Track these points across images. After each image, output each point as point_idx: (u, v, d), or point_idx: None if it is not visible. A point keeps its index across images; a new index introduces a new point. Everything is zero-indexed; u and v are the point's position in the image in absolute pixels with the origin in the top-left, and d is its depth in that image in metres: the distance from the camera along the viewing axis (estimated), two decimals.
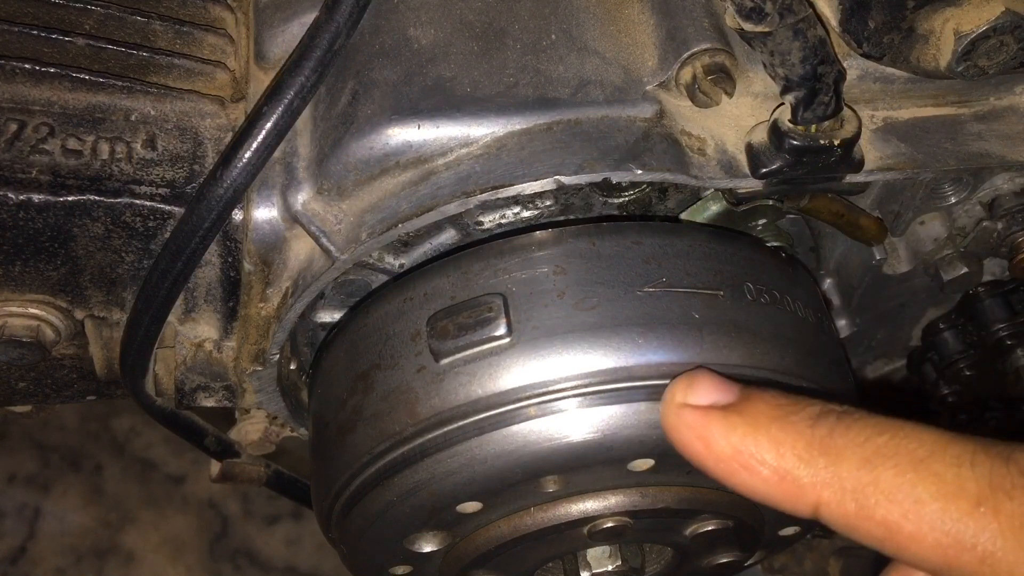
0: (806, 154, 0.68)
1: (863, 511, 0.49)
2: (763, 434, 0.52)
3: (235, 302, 0.77)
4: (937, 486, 0.47)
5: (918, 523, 0.47)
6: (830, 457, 0.50)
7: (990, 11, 0.65)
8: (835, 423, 0.51)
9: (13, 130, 0.71)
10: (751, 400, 0.54)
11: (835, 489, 0.50)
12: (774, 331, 0.66)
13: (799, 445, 0.51)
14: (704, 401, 0.55)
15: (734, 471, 0.53)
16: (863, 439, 0.50)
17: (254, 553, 2.28)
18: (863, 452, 0.49)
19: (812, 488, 0.50)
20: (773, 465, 0.51)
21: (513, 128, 0.69)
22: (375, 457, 0.67)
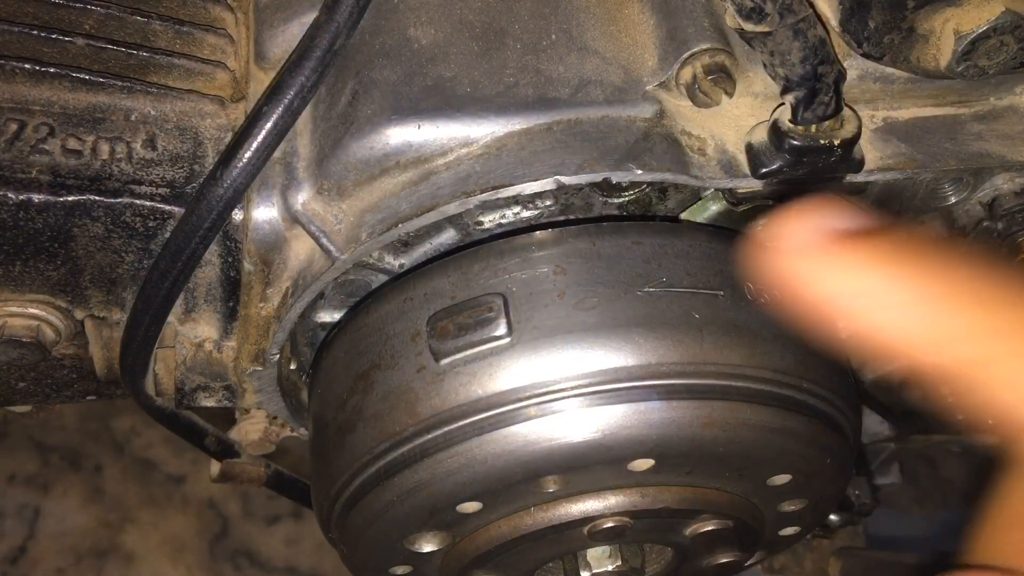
0: (806, 154, 0.68)
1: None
2: (906, 271, 0.41)
3: (235, 302, 0.77)
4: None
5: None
6: (984, 305, 0.40)
7: (990, 11, 0.65)
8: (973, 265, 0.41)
9: (13, 130, 0.71)
10: (883, 232, 0.42)
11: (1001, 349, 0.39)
12: (774, 331, 0.66)
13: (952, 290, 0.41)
14: (829, 228, 0.42)
15: (870, 312, 0.41)
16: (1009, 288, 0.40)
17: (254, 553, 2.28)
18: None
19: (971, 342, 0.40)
20: (926, 314, 0.40)
21: (513, 128, 0.69)
22: (375, 457, 0.67)
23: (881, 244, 0.42)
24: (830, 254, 0.42)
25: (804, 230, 0.42)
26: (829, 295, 0.42)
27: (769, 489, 0.72)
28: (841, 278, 0.42)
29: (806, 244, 0.42)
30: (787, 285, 0.43)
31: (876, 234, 0.42)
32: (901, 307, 0.41)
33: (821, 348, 0.70)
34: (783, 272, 0.43)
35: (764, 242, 0.43)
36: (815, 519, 0.81)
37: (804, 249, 0.42)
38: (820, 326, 0.43)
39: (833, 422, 0.69)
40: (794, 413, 0.67)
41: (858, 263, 0.42)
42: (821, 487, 0.74)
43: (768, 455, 0.68)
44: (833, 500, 0.80)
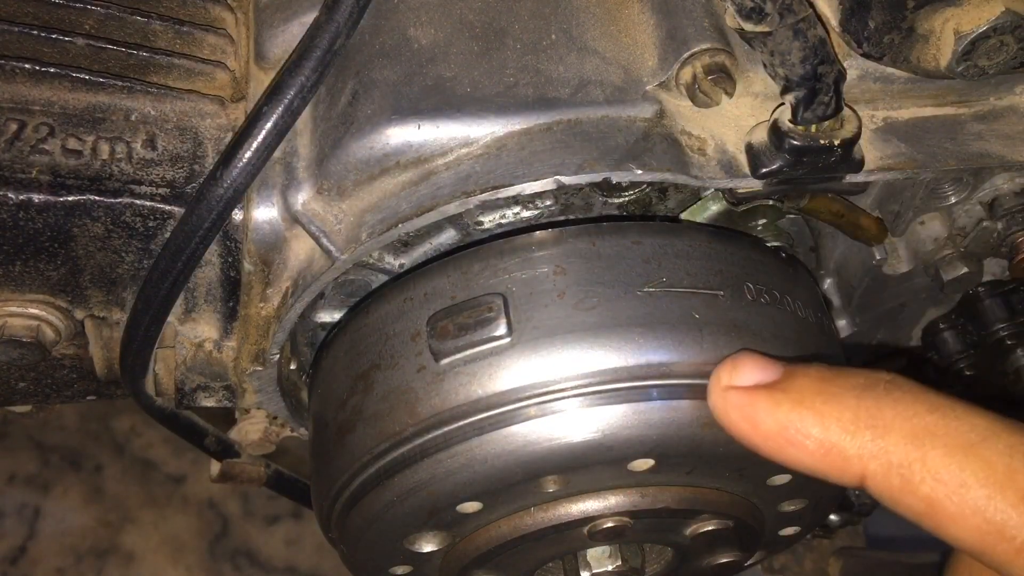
0: (806, 154, 0.68)
1: (908, 486, 0.49)
2: (808, 408, 0.52)
3: (235, 302, 0.77)
4: (986, 473, 0.47)
5: (961, 506, 0.48)
6: (877, 430, 0.50)
7: (990, 11, 0.65)
8: (882, 395, 0.51)
9: (13, 130, 0.71)
10: (795, 376, 0.54)
11: (881, 462, 0.50)
12: (774, 331, 0.66)
13: (844, 418, 0.51)
14: (748, 381, 0.55)
15: (781, 447, 0.53)
16: (911, 414, 0.50)
17: (254, 553, 2.28)
18: (911, 427, 0.49)
19: (858, 460, 0.50)
20: (819, 439, 0.51)
21: (513, 128, 0.69)
22: (375, 457, 0.67)
23: (798, 388, 0.54)
24: (758, 401, 0.54)
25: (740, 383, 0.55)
26: (770, 430, 0.53)
27: (769, 489, 0.72)
28: (776, 420, 0.53)
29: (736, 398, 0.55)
30: (739, 429, 0.56)
31: (782, 383, 0.54)
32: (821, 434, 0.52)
33: (821, 348, 0.70)
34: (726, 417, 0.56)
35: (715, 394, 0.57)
36: (815, 519, 0.81)
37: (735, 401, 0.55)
38: (776, 456, 0.54)
39: None
40: None
41: (774, 407, 0.53)
42: (821, 487, 0.74)
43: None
44: (833, 500, 0.80)
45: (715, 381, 0.57)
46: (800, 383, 0.54)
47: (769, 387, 0.55)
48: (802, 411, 0.52)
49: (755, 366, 0.56)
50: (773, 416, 0.53)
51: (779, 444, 0.53)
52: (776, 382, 0.55)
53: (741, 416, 0.55)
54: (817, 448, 0.52)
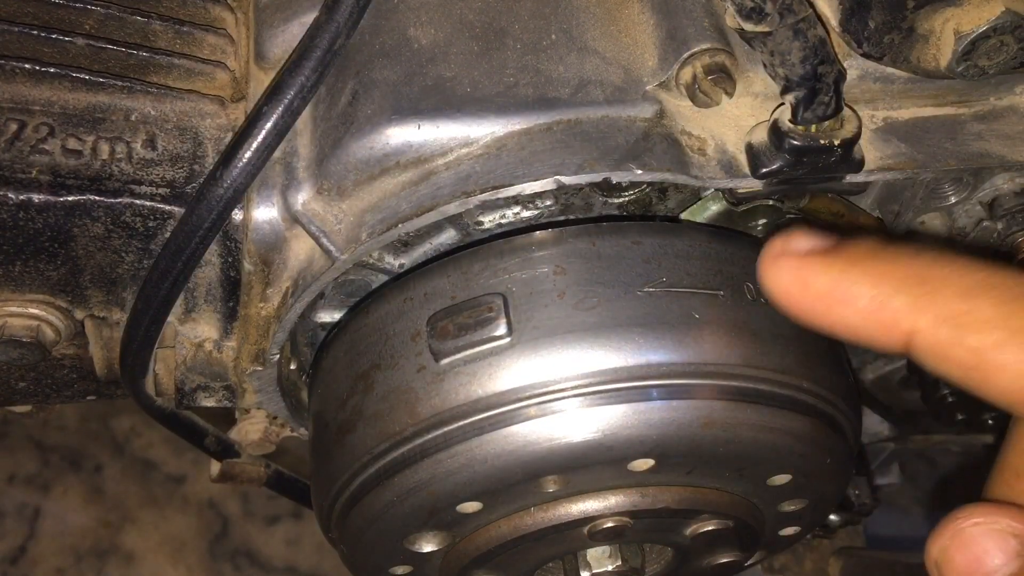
0: (806, 154, 0.68)
1: (956, 338, 0.48)
2: (861, 268, 0.52)
3: (235, 302, 0.77)
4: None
5: (1010, 354, 0.47)
6: (929, 285, 0.50)
7: (990, 11, 0.65)
8: (935, 258, 0.51)
9: (13, 130, 0.71)
10: (849, 243, 0.54)
11: (932, 316, 0.49)
12: (774, 331, 0.66)
13: (897, 275, 0.51)
14: (802, 248, 0.54)
15: (832, 307, 0.52)
16: (963, 272, 0.49)
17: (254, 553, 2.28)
18: (963, 283, 0.49)
19: (909, 315, 0.50)
20: (871, 294, 0.51)
21: (513, 128, 0.69)
22: (375, 457, 0.67)
23: (852, 251, 0.53)
24: (817, 262, 0.53)
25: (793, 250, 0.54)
26: (822, 290, 0.53)
27: (769, 489, 0.72)
28: (829, 279, 0.52)
29: (796, 259, 0.54)
30: (790, 292, 0.54)
31: (836, 247, 0.54)
32: (883, 297, 0.51)
33: (821, 348, 0.70)
34: (784, 281, 0.54)
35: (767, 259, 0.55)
36: (815, 519, 0.81)
37: (795, 262, 0.54)
38: (825, 318, 0.53)
39: (833, 422, 0.69)
40: (794, 413, 0.67)
41: (836, 267, 0.52)
42: (821, 487, 0.74)
43: (768, 455, 0.68)
44: (833, 500, 0.80)
45: (768, 251, 0.56)
46: (853, 247, 0.53)
47: (823, 251, 0.54)
48: (855, 270, 0.52)
49: (808, 236, 0.55)
50: (827, 275, 0.52)
51: (830, 304, 0.52)
52: (830, 247, 0.54)
53: (794, 278, 0.54)
54: (869, 304, 0.51)
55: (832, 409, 0.69)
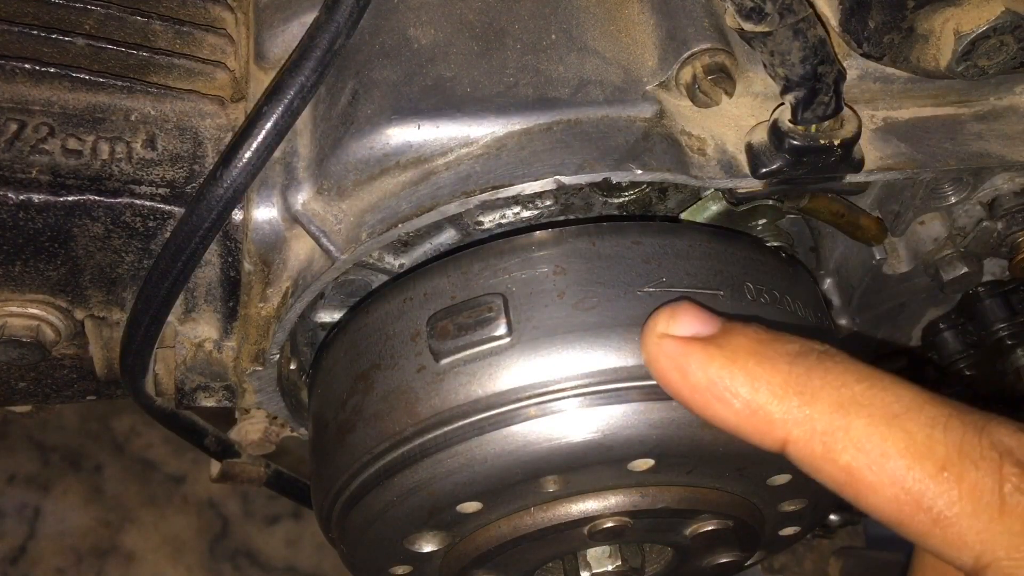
0: (806, 154, 0.68)
1: (829, 454, 0.49)
2: (740, 367, 0.52)
3: (235, 302, 0.77)
4: (906, 443, 0.47)
5: (880, 475, 0.48)
6: (805, 397, 0.50)
7: (990, 11, 0.65)
8: (814, 363, 0.51)
9: (13, 130, 0.71)
10: (732, 333, 0.54)
11: (805, 429, 0.50)
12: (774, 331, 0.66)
13: (775, 381, 0.51)
14: (685, 332, 0.55)
15: (708, 402, 0.53)
16: (840, 384, 0.50)
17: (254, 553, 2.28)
18: (838, 397, 0.49)
19: (783, 425, 0.50)
20: (746, 399, 0.51)
21: (513, 128, 0.69)
22: (375, 457, 0.67)
23: (733, 346, 0.53)
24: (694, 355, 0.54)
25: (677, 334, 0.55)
26: (699, 384, 0.53)
27: (769, 489, 0.72)
28: (707, 374, 0.53)
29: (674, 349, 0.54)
30: (667, 377, 0.55)
31: (718, 338, 0.54)
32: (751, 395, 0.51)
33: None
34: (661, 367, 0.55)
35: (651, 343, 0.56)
36: (815, 519, 0.81)
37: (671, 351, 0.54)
38: (702, 411, 0.54)
39: None
40: None
41: (709, 361, 0.53)
42: (821, 487, 0.74)
43: (768, 455, 0.68)
44: (833, 500, 0.80)
45: (651, 327, 0.57)
46: (736, 341, 0.53)
47: (704, 340, 0.54)
48: (734, 369, 0.52)
49: (694, 318, 0.55)
50: (704, 370, 0.53)
51: (706, 399, 0.53)
52: (712, 336, 0.54)
53: (673, 365, 0.54)
54: (744, 408, 0.51)
55: None
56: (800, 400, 0.50)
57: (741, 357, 0.52)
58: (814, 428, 0.50)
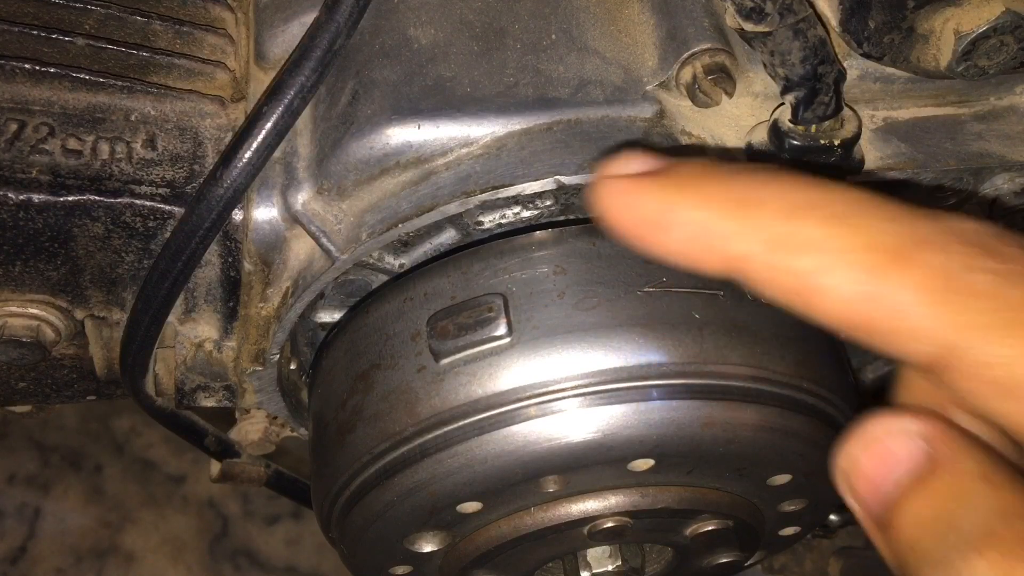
0: (806, 154, 0.68)
1: (779, 262, 0.47)
2: (685, 193, 0.51)
3: (235, 302, 0.77)
4: (855, 238, 0.45)
5: (831, 276, 0.46)
6: (749, 209, 0.49)
7: (990, 11, 0.65)
8: (757, 178, 0.50)
9: (13, 130, 0.72)
10: (678, 165, 0.53)
11: (753, 240, 0.48)
12: (774, 331, 0.66)
13: (721, 198, 0.50)
14: (631, 171, 0.53)
15: (658, 232, 0.51)
16: (785, 192, 0.48)
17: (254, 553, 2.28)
18: (784, 205, 0.48)
19: (733, 238, 0.49)
20: (694, 220, 0.50)
21: (513, 128, 0.69)
22: (375, 457, 0.67)
23: (679, 174, 0.51)
24: (637, 187, 0.52)
25: (617, 173, 0.53)
26: (647, 214, 0.52)
27: (769, 489, 0.72)
28: (655, 203, 0.51)
29: (621, 183, 0.53)
30: (618, 216, 0.53)
31: (664, 170, 0.52)
32: (706, 221, 0.49)
33: (822, 348, 0.70)
34: (606, 206, 0.53)
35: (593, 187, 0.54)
36: (815, 519, 0.81)
37: (619, 186, 0.52)
38: (653, 244, 0.52)
39: (833, 422, 0.69)
40: (794, 413, 0.67)
41: (657, 190, 0.51)
42: (821, 487, 0.74)
43: (768, 455, 0.68)
44: (833, 500, 0.80)
45: (603, 173, 0.55)
46: (681, 170, 0.52)
47: (651, 174, 0.53)
48: (678, 196, 0.51)
49: (640, 157, 0.54)
50: (653, 199, 0.51)
51: (657, 230, 0.51)
52: (659, 169, 0.53)
53: (622, 202, 0.52)
54: (693, 230, 0.50)
55: (832, 409, 0.69)
56: (745, 212, 0.49)
57: (686, 183, 0.51)
58: (761, 238, 0.48)
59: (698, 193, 0.50)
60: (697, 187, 0.51)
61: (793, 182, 0.49)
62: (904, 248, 0.44)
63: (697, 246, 0.50)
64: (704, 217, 0.49)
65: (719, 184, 0.50)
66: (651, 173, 0.52)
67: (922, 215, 0.46)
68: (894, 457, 0.48)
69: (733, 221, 0.49)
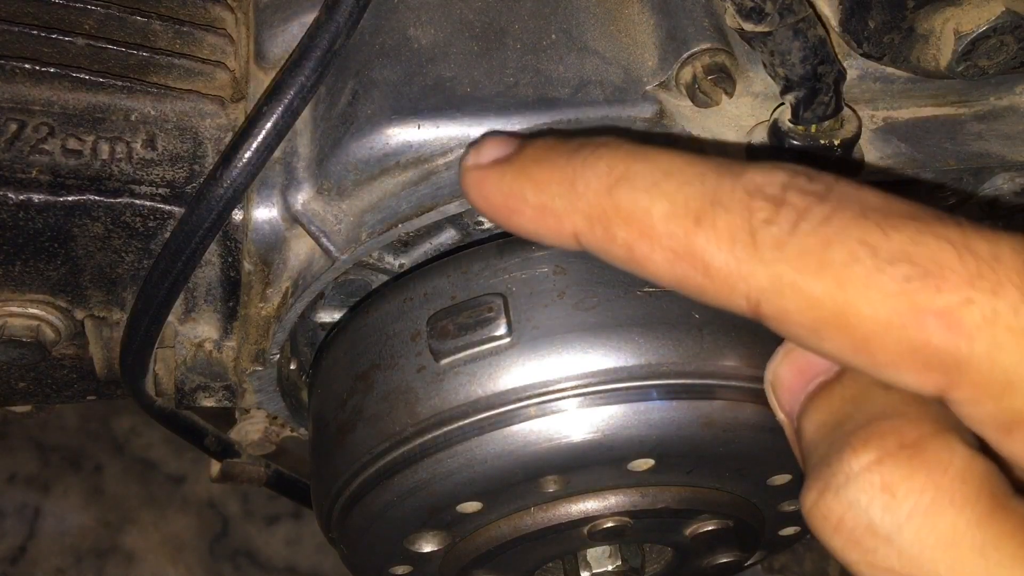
0: (806, 154, 0.68)
1: (606, 234, 0.50)
2: (527, 176, 0.54)
3: (235, 302, 0.78)
4: (665, 205, 0.48)
5: (650, 243, 0.48)
6: (578, 186, 0.51)
7: (990, 11, 0.65)
8: (588, 155, 0.52)
9: (13, 130, 0.72)
10: (524, 148, 0.56)
11: (583, 216, 0.51)
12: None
13: (555, 179, 0.53)
14: (486, 160, 0.57)
15: (508, 216, 0.55)
16: (609, 167, 0.51)
17: (254, 553, 2.28)
18: (607, 180, 0.50)
19: (566, 217, 0.52)
20: (534, 202, 0.53)
21: (513, 128, 0.69)
22: (375, 457, 0.67)
23: (522, 159, 0.55)
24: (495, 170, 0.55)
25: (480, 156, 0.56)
26: (497, 201, 0.55)
27: (769, 489, 0.72)
28: (501, 190, 0.55)
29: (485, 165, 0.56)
30: (477, 203, 0.56)
31: (511, 156, 0.55)
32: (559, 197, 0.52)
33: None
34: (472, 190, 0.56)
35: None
36: None
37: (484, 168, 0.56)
38: (507, 225, 0.55)
39: None
40: None
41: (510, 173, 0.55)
42: None
43: (768, 455, 0.68)
44: None
45: (461, 164, 0.59)
46: (526, 153, 0.55)
47: (501, 161, 0.56)
48: (523, 179, 0.54)
49: (495, 145, 0.57)
50: (499, 187, 0.55)
51: (506, 214, 0.55)
52: (508, 155, 0.56)
53: (477, 192, 0.56)
54: (534, 212, 0.53)
55: None
56: (571, 191, 0.51)
57: (529, 166, 0.54)
58: (590, 214, 0.51)
59: (535, 176, 0.54)
60: (534, 170, 0.54)
61: (613, 155, 0.51)
62: (704, 210, 0.47)
63: (542, 226, 0.53)
64: (539, 200, 0.53)
65: (551, 165, 0.53)
66: (500, 161, 0.56)
67: (725, 174, 0.48)
68: (810, 366, 0.50)
69: (562, 200, 0.52)
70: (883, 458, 0.43)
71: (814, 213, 0.45)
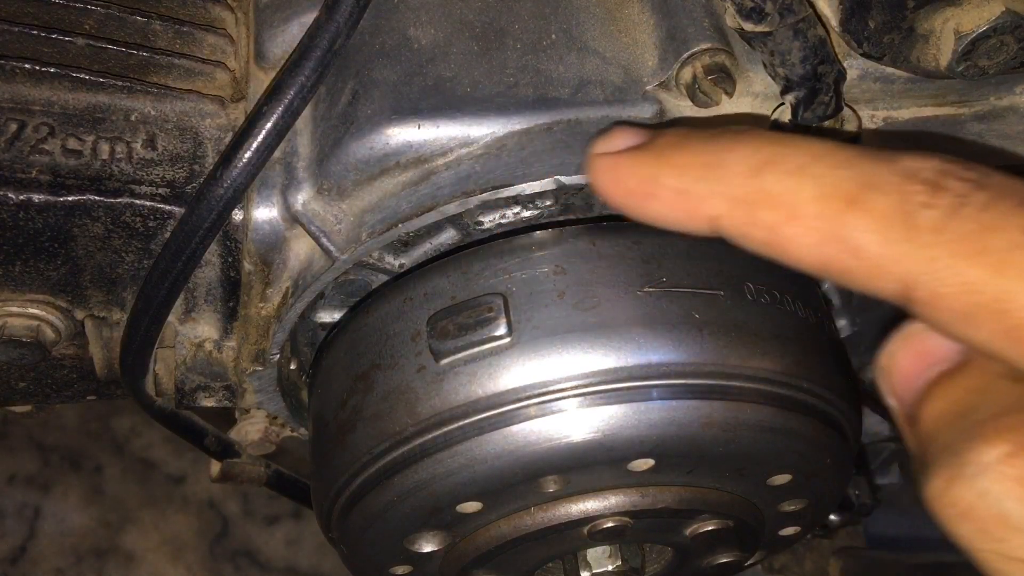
0: None
1: (749, 217, 0.51)
2: (665, 161, 0.55)
3: (235, 302, 0.78)
4: (815, 187, 0.48)
5: (797, 224, 0.49)
6: (718, 171, 0.52)
7: (990, 11, 0.65)
8: (729, 139, 0.53)
9: (13, 130, 0.72)
10: (657, 136, 0.57)
11: (726, 198, 0.52)
12: (774, 331, 0.66)
13: (695, 163, 0.53)
14: (617, 147, 0.58)
15: (643, 201, 0.56)
16: (752, 151, 0.52)
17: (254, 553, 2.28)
18: (751, 162, 0.51)
19: (707, 201, 0.52)
20: (673, 187, 0.54)
21: (513, 128, 0.69)
22: (375, 457, 0.67)
23: (658, 146, 0.56)
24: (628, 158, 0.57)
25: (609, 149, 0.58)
26: (632, 186, 0.56)
27: (769, 489, 0.72)
28: (638, 176, 0.56)
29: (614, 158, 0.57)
30: (608, 191, 0.58)
31: (645, 144, 0.57)
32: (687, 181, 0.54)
33: (822, 347, 0.70)
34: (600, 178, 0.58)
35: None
36: (815, 519, 0.81)
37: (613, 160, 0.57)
38: (641, 213, 0.56)
39: (833, 422, 0.70)
40: (794, 413, 0.67)
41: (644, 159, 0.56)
42: (821, 487, 0.74)
43: (768, 455, 0.68)
44: (833, 500, 0.80)
45: (589, 152, 0.59)
46: (661, 141, 0.56)
47: (634, 148, 0.57)
48: (660, 164, 0.55)
49: (624, 134, 0.58)
50: (635, 172, 0.56)
51: (641, 199, 0.56)
52: (641, 144, 0.57)
53: (609, 177, 0.57)
54: (672, 196, 0.54)
55: (832, 409, 0.69)
56: (714, 175, 0.52)
57: (666, 153, 0.55)
58: (734, 195, 0.51)
59: (674, 162, 0.54)
60: (673, 156, 0.55)
61: (757, 140, 0.52)
62: (858, 192, 0.47)
63: (679, 210, 0.54)
64: (680, 184, 0.54)
65: (692, 151, 0.54)
66: (634, 148, 0.57)
67: (878, 159, 0.48)
68: (930, 353, 0.50)
69: (704, 184, 0.53)
70: (1018, 451, 0.43)
71: (973, 199, 0.45)
